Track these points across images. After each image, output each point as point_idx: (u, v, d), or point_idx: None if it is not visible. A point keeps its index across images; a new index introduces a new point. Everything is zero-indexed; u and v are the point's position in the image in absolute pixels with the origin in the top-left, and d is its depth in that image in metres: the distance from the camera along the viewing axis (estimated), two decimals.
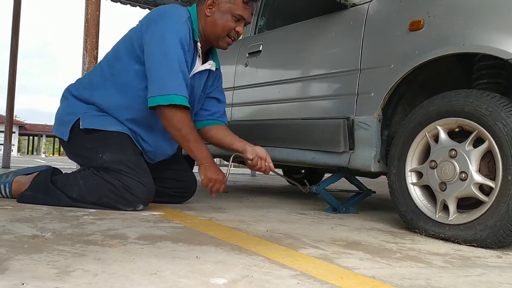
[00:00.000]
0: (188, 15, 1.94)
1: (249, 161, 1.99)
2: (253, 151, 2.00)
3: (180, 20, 1.89)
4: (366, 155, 1.97)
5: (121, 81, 1.96)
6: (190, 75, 1.99)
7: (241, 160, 2.33)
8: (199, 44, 1.97)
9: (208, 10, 1.95)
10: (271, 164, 2.01)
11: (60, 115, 2.06)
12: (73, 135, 1.98)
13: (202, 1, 1.99)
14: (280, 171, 3.41)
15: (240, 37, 2.02)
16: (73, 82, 2.15)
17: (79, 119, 1.96)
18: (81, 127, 1.94)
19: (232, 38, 1.99)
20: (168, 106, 1.83)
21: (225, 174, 1.95)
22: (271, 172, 2.03)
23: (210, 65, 2.08)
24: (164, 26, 1.86)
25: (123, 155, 1.91)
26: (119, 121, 1.98)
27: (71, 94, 2.07)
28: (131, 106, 1.96)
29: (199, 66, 2.02)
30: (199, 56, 2.00)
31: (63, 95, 2.11)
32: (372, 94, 1.95)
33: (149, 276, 0.95)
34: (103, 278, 0.91)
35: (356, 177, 2.43)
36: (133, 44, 1.94)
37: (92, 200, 1.85)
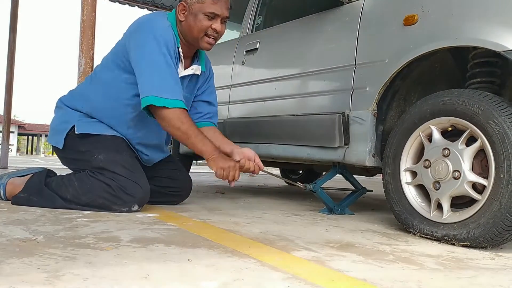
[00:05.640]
0: (169, 23, 1.94)
1: (237, 162, 1.96)
2: (240, 153, 1.98)
3: (162, 25, 1.89)
4: (361, 150, 1.97)
5: (111, 93, 1.96)
6: None
7: None
8: (180, 49, 1.96)
9: (181, 15, 1.94)
10: (261, 164, 1.99)
11: (54, 125, 2.06)
12: (68, 142, 1.98)
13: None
14: (274, 171, 3.38)
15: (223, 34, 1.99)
16: (66, 93, 2.15)
17: (73, 126, 1.96)
18: (76, 133, 1.95)
19: (212, 37, 1.94)
20: (161, 107, 1.81)
21: (235, 161, 1.90)
22: (265, 174, 2.01)
23: (193, 69, 2.06)
24: (147, 32, 1.85)
25: (118, 155, 1.91)
26: (113, 128, 1.99)
27: (64, 104, 2.07)
28: (121, 118, 1.96)
29: (181, 71, 2.01)
30: (181, 61, 1.99)
31: (56, 106, 2.11)
32: (367, 89, 1.96)
33: (139, 280, 0.95)
34: (92, 282, 0.91)
35: (353, 176, 2.42)
36: (119, 55, 1.94)
37: (87, 202, 1.84)
